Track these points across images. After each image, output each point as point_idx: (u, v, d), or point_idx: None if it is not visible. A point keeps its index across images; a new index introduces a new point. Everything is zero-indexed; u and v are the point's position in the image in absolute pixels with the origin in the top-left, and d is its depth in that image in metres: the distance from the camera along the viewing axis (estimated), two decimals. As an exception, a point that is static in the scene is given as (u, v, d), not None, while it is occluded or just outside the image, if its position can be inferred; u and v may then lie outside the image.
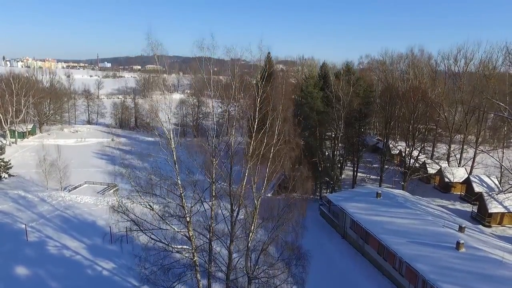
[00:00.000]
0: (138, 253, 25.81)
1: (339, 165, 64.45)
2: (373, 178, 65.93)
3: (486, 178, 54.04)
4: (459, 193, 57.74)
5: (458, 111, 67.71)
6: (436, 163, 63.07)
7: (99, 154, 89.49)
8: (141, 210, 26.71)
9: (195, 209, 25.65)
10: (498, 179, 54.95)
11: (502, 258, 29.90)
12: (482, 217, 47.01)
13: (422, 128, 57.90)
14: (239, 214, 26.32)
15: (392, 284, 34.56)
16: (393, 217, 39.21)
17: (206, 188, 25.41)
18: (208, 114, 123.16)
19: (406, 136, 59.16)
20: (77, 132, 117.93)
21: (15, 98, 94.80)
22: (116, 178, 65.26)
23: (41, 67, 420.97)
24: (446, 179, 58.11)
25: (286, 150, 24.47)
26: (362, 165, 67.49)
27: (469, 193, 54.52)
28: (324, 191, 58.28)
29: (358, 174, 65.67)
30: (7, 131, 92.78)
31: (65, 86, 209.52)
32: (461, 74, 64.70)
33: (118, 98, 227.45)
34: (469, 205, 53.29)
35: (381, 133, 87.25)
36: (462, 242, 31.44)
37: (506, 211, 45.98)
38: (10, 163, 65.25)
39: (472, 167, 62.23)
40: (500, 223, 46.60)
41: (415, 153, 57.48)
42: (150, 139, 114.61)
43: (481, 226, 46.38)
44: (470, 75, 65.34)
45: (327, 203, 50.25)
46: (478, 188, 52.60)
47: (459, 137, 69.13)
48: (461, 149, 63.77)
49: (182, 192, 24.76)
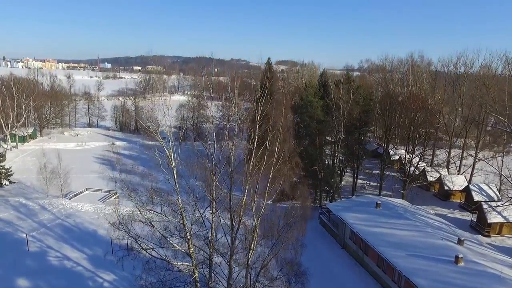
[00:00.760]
0: (138, 266, 26.05)
1: (339, 171, 64.71)
2: (373, 185, 66.10)
3: (485, 187, 54.23)
4: (459, 201, 57.95)
5: (458, 117, 67.74)
6: (436, 171, 63.23)
7: (100, 158, 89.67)
8: (142, 226, 26.97)
9: (196, 227, 25.83)
10: (498, 188, 55.11)
11: (501, 273, 30.08)
12: (482, 227, 47.19)
13: (422, 133, 58.02)
14: (239, 229, 26.52)
15: (391, 297, 34.76)
16: (392, 228, 39.39)
17: (206, 207, 25.55)
18: (208, 118, 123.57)
19: (406, 144, 59.38)
20: (77, 135, 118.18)
21: (16, 102, 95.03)
22: (116, 185, 66.19)
23: (41, 68, 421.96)
24: (446, 187, 58.29)
25: (286, 168, 24.58)
26: (365, 171, 67.59)
27: (468, 201, 54.72)
28: (324, 199, 58.45)
29: (358, 181, 65.86)
30: (8, 136, 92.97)
31: (65, 89, 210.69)
32: (460, 82, 64.82)
33: (119, 100, 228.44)
34: (468, 213, 53.48)
35: (381, 137, 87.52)
36: (461, 256, 31.61)
37: (505, 221, 46.14)
38: (11, 170, 65.46)
39: (471, 175, 62.38)
40: (499, 233, 46.76)
41: (415, 160, 57.68)
42: (151, 143, 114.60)
43: (480, 236, 46.63)
44: (470, 83, 65.41)
45: (327, 212, 50.39)
46: (477, 197, 52.79)
47: (459, 141, 69.19)
48: (460, 156, 63.88)
49: (182, 210, 24.92)
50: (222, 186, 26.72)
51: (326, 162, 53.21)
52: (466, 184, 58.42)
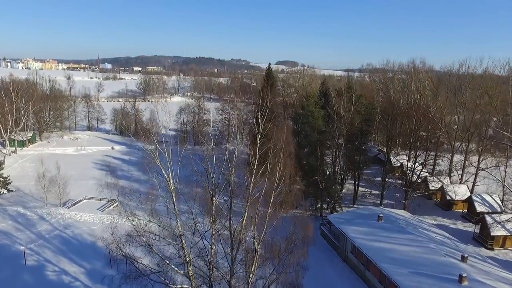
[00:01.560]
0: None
1: (340, 179, 64.12)
2: (374, 193, 65.55)
3: (488, 197, 53.71)
4: (461, 210, 57.43)
5: (460, 124, 67.06)
6: (437, 179, 62.72)
7: (99, 164, 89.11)
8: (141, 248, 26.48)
9: (196, 249, 25.33)
10: (501, 198, 54.58)
11: (506, 293, 29.57)
12: (484, 239, 46.65)
13: (424, 142, 57.45)
14: (240, 251, 26.04)
15: (393, 315, 34.22)
16: (394, 243, 38.87)
17: (206, 231, 25.02)
18: (208, 121, 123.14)
19: (408, 152, 58.86)
20: (77, 139, 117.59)
21: (15, 107, 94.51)
22: (114, 193, 65.57)
23: (41, 69, 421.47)
24: (448, 197, 57.75)
25: (287, 191, 24.06)
26: (363, 177, 66.99)
27: (471, 212, 54.21)
28: (325, 208, 57.85)
29: (359, 189, 65.31)
30: (7, 141, 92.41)
31: (65, 91, 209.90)
32: (463, 90, 64.23)
33: (119, 101, 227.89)
34: (470, 224, 52.96)
35: (382, 140, 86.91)
36: (464, 275, 31.06)
37: (509, 234, 45.60)
38: (9, 179, 64.93)
39: (473, 184, 61.81)
40: (502, 246, 46.23)
41: (417, 169, 57.11)
42: (151, 147, 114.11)
43: (483, 249, 46.12)
44: (472, 92, 64.83)
45: (328, 224, 49.88)
46: (480, 207, 52.28)
47: (462, 146, 68.26)
48: (462, 165, 63.32)
49: (181, 234, 24.42)
50: (223, 206, 26.28)
51: (327, 173, 52.64)
52: (468, 193, 57.90)
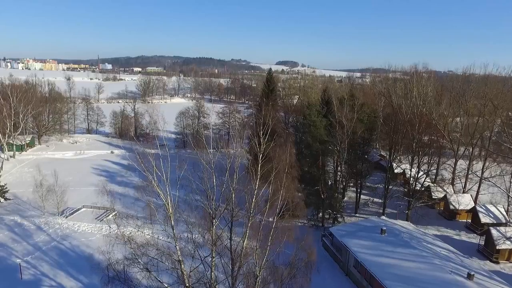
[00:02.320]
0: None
1: (342, 187, 63.29)
2: (376, 201, 64.68)
3: (492, 208, 52.84)
4: (465, 220, 56.57)
5: (464, 129, 66.09)
6: (441, 187, 61.86)
7: (98, 169, 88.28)
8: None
9: (196, 273, 24.51)
10: (505, 209, 53.72)
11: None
12: (490, 252, 45.77)
13: (427, 151, 56.60)
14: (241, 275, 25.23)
15: (398, 334, 33.38)
16: (399, 259, 37.99)
17: (206, 256, 24.16)
18: (208, 125, 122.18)
19: (411, 161, 57.99)
20: (76, 143, 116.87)
21: (13, 112, 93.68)
22: (113, 201, 64.76)
23: (41, 69, 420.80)
24: (452, 207, 56.90)
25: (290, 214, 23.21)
26: (366, 184, 66.11)
27: (475, 222, 53.36)
28: (326, 217, 56.97)
29: (361, 197, 64.44)
30: (5, 145, 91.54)
31: (65, 92, 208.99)
32: (467, 98, 63.37)
33: (119, 102, 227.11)
34: (475, 235, 52.13)
35: (383, 145, 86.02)
36: (471, 296, 30.23)
37: (515, 247, 44.72)
38: (6, 187, 64.08)
39: (477, 193, 60.97)
40: (508, 259, 45.36)
41: (417, 174, 56.13)
42: (151, 151, 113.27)
43: (488, 262, 45.29)
44: (477, 100, 63.97)
45: (330, 235, 49.01)
46: (484, 218, 51.42)
47: (466, 152, 67.23)
48: (466, 174, 62.48)
49: (180, 259, 23.58)
50: (224, 226, 25.45)
51: (329, 183, 51.80)
52: (472, 203, 57.08)
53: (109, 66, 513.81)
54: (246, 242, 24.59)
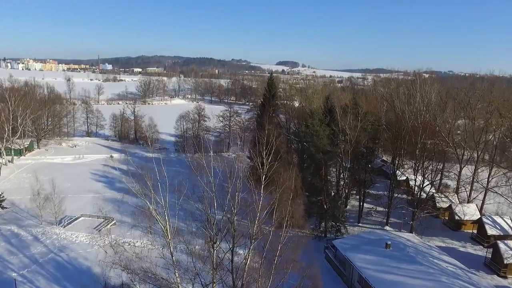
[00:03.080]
0: None
1: (344, 196, 62.12)
2: (379, 210, 63.53)
3: (499, 219, 51.79)
4: (470, 231, 55.48)
5: (469, 135, 64.92)
6: (445, 196, 60.74)
7: (97, 175, 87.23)
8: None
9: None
10: (512, 220, 52.62)
11: None
12: (497, 266, 44.65)
13: (430, 155, 55.54)
14: None
15: None
16: (405, 275, 36.94)
17: (207, 284, 23.11)
18: (209, 129, 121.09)
19: (415, 170, 56.99)
20: (75, 146, 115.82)
21: (12, 116, 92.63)
22: (112, 210, 63.75)
23: (41, 70, 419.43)
24: (457, 217, 55.80)
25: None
26: (369, 192, 64.92)
27: (481, 234, 52.28)
28: (329, 227, 55.86)
29: (365, 205, 63.31)
30: (3, 150, 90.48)
31: (64, 94, 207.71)
32: (472, 106, 62.24)
33: (119, 104, 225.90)
34: (481, 247, 51.05)
35: (385, 150, 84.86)
36: (481, 319, 29.16)
37: (523, 262, 43.62)
38: (3, 196, 63.11)
39: (483, 203, 59.88)
40: (516, 274, 44.25)
41: (422, 183, 55.08)
42: (151, 155, 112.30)
43: (496, 276, 44.23)
44: (483, 108, 62.87)
45: (333, 247, 47.96)
46: (491, 230, 50.36)
47: (471, 159, 66.06)
48: (471, 183, 61.38)
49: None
50: (226, 252, 24.38)
51: (332, 193, 50.71)
52: (477, 213, 56.01)
53: (109, 67, 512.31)
54: (249, 266, 23.58)
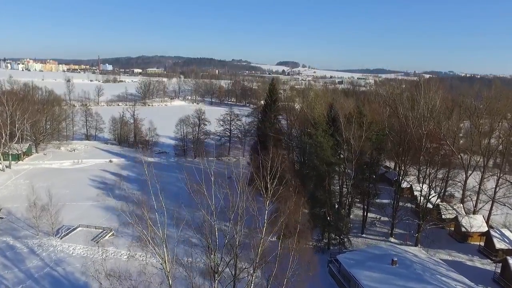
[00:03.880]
0: None
1: (347, 204, 60.79)
2: (383, 220, 62.16)
3: (507, 232, 50.53)
4: (477, 243, 54.11)
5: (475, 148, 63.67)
6: (451, 207, 59.43)
7: (96, 181, 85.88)
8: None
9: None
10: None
11: None
12: (507, 283, 43.28)
13: (436, 164, 54.23)
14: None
15: None
16: (412, 296, 35.64)
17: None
18: (209, 133, 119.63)
19: (419, 179, 55.66)
20: (74, 151, 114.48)
21: (9, 121, 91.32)
22: (110, 218, 62.39)
23: (41, 70, 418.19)
24: (463, 229, 54.46)
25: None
26: (373, 200, 63.57)
27: (489, 247, 50.95)
28: (332, 239, 54.53)
29: (368, 215, 61.93)
30: (0, 155, 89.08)
31: (64, 95, 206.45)
32: (479, 114, 60.88)
33: (118, 105, 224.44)
34: (489, 261, 49.70)
35: (388, 155, 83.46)
36: None
37: (534, 279, 42.29)
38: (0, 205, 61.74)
39: (489, 214, 58.52)
40: (526, 291, 42.89)
41: (428, 194, 53.79)
42: (150, 160, 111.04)
43: (505, 293, 42.89)
44: (491, 117, 61.51)
45: (336, 262, 46.63)
46: (499, 244, 49.04)
47: (478, 165, 64.70)
48: (477, 193, 60.03)
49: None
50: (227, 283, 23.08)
51: (336, 206, 49.37)
52: (484, 225, 54.69)
53: (109, 67, 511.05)
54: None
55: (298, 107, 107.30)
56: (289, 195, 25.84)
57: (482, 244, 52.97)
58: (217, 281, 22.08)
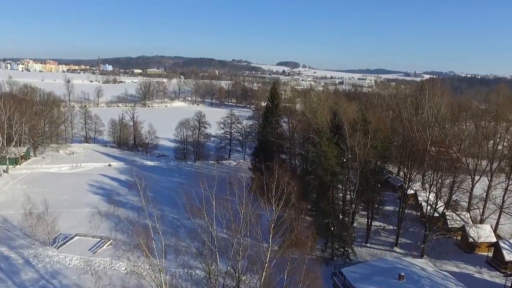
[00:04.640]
0: None
1: (351, 212, 59.39)
2: (388, 229, 60.71)
3: (517, 243, 48.96)
4: (485, 254, 52.61)
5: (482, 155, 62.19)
6: (457, 215, 57.96)
7: (94, 186, 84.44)
8: None
9: None
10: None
11: None
12: (518, 299, 41.91)
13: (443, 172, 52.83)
14: None
15: None
16: (421, 314, 34.20)
17: None
18: (209, 136, 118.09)
19: (423, 185, 54.22)
20: (73, 154, 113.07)
21: (7, 125, 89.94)
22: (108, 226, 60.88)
23: (41, 71, 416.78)
24: (470, 239, 53.00)
25: None
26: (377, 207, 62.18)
27: (497, 259, 49.49)
28: (335, 249, 53.05)
29: (372, 223, 60.50)
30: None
31: (64, 97, 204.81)
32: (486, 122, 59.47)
33: (118, 106, 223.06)
34: (497, 273, 48.26)
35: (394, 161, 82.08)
36: None
37: (545, 293, 40.90)
38: (-5, 214, 60.28)
39: (497, 223, 57.06)
40: (538, 307, 41.51)
41: (435, 204, 52.38)
42: (150, 163, 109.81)
43: (516, 309, 41.46)
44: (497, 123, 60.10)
45: (340, 274, 45.21)
46: (509, 256, 47.58)
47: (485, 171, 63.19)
48: (484, 202, 58.58)
49: None
50: None
51: (340, 216, 47.92)
52: (492, 235, 53.27)
53: (109, 67, 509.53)
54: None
55: (299, 108, 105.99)
56: (295, 218, 24.38)
57: (490, 255, 51.50)
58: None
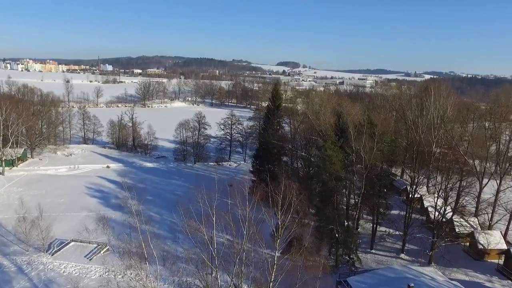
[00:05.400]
0: None
1: (356, 216, 57.63)
2: (393, 234, 58.90)
3: (529, 251, 47.11)
4: (496, 261, 50.75)
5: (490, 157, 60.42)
6: (465, 221, 56.11)
7: (92, 189, 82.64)
8: None
9: None
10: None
11: None
12: (531, 310, 40.11)
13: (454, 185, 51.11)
14: None
15: None
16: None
17: None
18: (209, 137, 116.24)
19: (428, 188, 52.39)
20: (71, 155, 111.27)
21: (2, 126, 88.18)
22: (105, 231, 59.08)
23: (41, 71, 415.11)
24: (480, 246, 51.18)
25: None
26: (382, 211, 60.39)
27: (509, 267, 47.65)
28: (340, 255, 51.26)
29: (377, 228, 58.70)
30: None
31: (63, 98, 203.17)
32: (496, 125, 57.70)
33: (118, 107, 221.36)
34: (509, 282, 46.47)
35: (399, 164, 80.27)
36: None
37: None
38: (-12, 219, 58.47)
39: (507, 229, 55.26)
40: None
41: (443, 211, 50.61)
42: (149, 165, 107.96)
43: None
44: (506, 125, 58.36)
45: (346, 284, 43.39)
46: (521, 265, 45.73)
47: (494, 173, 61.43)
48: (493, 206, 56.79)
49: None
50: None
51: (345, 223, 46.09)
52: (502, 242, 51.49)
53: (109, 67, 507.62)
54: None
55: (300, 108, 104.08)
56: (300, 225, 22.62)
57: (501, 262, 49.70)
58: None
